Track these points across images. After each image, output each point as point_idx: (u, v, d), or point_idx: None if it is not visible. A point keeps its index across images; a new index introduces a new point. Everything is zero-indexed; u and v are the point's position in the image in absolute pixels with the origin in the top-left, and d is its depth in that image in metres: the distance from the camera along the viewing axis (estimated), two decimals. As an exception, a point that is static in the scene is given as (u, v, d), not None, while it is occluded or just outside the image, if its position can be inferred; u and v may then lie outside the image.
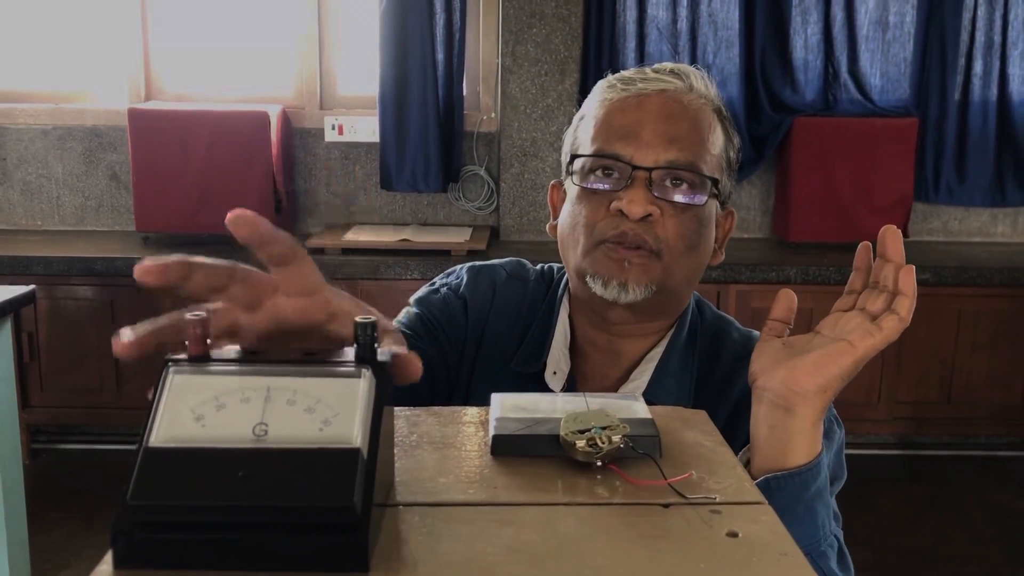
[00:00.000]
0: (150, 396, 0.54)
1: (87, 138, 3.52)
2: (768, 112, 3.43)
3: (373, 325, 0.57)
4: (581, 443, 0.62)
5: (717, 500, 0.58)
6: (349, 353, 0.58)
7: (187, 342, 0.56)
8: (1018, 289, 3.21)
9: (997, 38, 3.43)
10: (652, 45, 3.39)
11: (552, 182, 1.12)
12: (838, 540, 0.98)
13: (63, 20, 3.55)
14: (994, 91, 3.47)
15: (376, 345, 0.57)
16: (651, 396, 1.00)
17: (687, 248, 1.00)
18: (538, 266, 1.18)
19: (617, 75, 1.04)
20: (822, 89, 3.44)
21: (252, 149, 3.27)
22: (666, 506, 0.57)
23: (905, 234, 3.41)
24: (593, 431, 0.62)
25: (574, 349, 1.08)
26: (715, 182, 1.01)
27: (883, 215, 3.36)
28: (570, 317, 1.09)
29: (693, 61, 3.41)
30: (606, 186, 1.00)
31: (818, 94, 3.45)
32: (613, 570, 0.50)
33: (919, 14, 3.42)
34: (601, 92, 1.04)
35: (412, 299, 1.14)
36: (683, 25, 3.37)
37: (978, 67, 3.45)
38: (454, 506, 0.58)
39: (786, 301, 0.94)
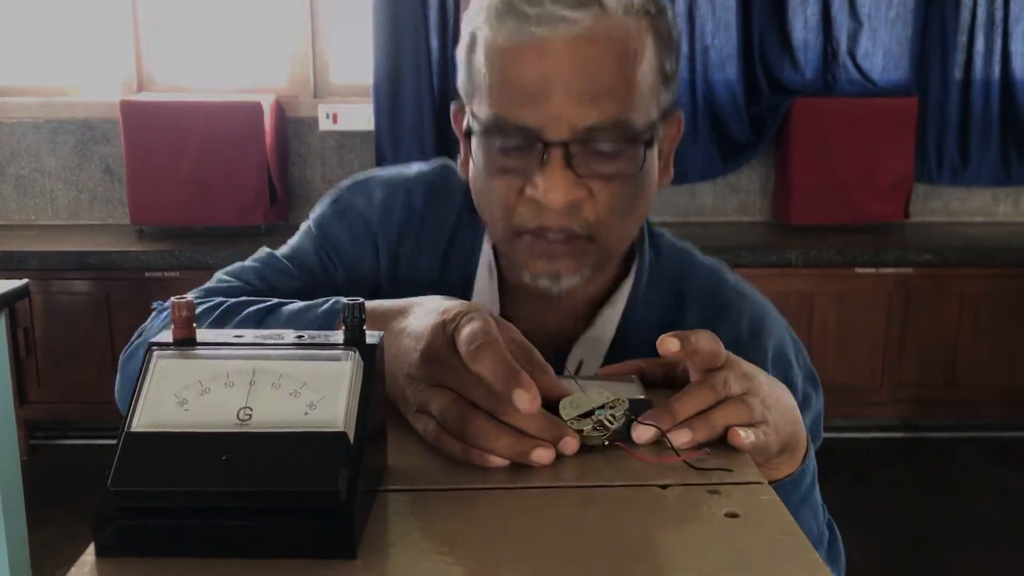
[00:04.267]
0: None
1: (79, 131, 3.50)
2: (767, 94, 3.40)
3: (361, 307, 0.55)
4: (587, 427, 0.60)
5: (715, 481, 0.56)
6: (338, 335, 0.56)
7: (172, 325, 0.54)
8: (1021, 269, 3.19)
9: (999, 15, 3.41)
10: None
11: (452, 106, 0.88)
12: (828, 531, 0.92)
13: (53, 12, 3.52)
14: (996, 69, 3.44)
15: (366, 327, 0.55)
16: (623, 355, 0.84)
17: (625, 215, 0.82)
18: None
19: None
20: (821, 70, 3.42)
21: (246, 140, 3.25)
22: (664, 487, 0.56)
23: (906, 215, 3.42)
24: (597, 413, 0.60)
25: (503, 288, 0.91)
26: (652, 126, 0.80)
27: (884, 196, 3.34)
28: (495, 252, 0.91)
29: (691, 43, 3.39)
30: (517, 163, 0.79)
31: (817, 75, 3.43)
32: (607, 552, 0.49)
33: (919, -10, 3.41)
34: (492, 20, 0.78)
35: (312, 221, 0.97)
36: (680, 7, 3.34)
37: (980, 45, 3.43)
38: (447, 491, 0.56)
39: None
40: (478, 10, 0.80)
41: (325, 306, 0.78)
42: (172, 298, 0.56)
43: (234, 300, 0.84)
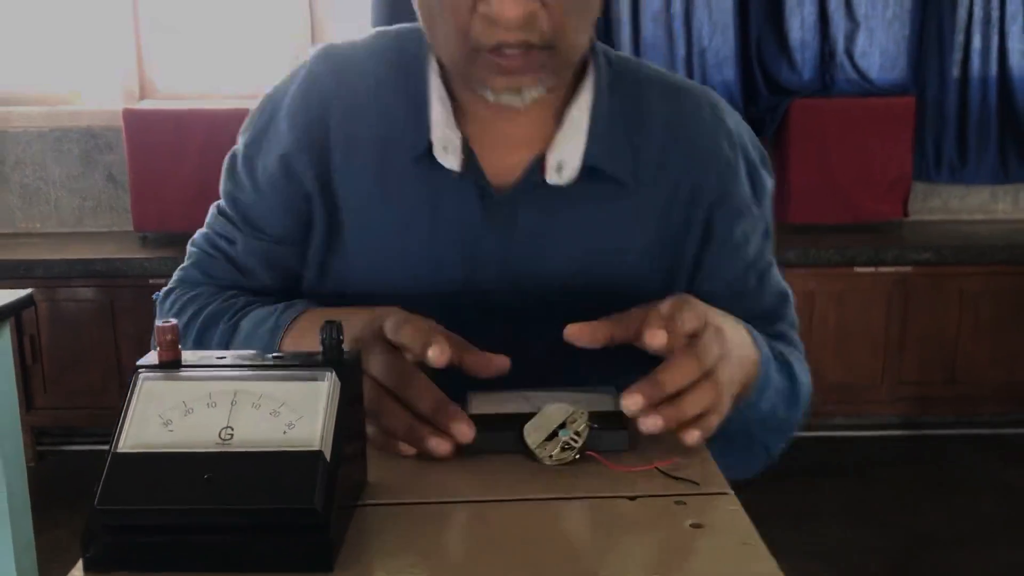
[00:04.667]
0: None
1: (83, 139, 3.53)
2: (765, 95, 3.42)
3: (338, 326, 0.57)
4: (556, 451, 0.62)
5: (682, 493, 0.58)
6: (317, 355, 0.58)
7: (157, 348, 0.57)
8: (1020, 267, 3.20)
9: (995, 13, 3.41)
10: (647, 31, 3.38)
11: None
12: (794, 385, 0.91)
13: (55, 22, 3.55)
14: (994, 67, 3.45)
15: (344, 345, 0.58)
16: (593, 161, 0.86)
17: (580, 19, 0.80)
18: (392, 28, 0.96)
19: None
20: (819, 70, 3.43)
21: (248, 146, 3.28)
22: (632, 499, 0.58)
23: (905, 213, 3.43)
24: (560, 434, 0.62)
25: (462, 116, 0.88)
26: None
27: (882, 195, 3.36)
28: (444, 83, 0.88)
29: (688, 45, 3.41)
30: None
31: (815, 75, 3.44)
32: (574, 562, 0.51)
33: (915, -11, 3.42)
34: None
35: (224, 199, 0.98)
36: (677, 9, 3.36)
37: (977, 43, 3.43)
38: (424, 504, 0.58)
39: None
40: None
41: (267, 325, 0.82)
42: (157, 322, 0.58)
43: (207, 312, 0.88)
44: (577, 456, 0.62)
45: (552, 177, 0.84)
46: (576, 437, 0.62)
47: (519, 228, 0.85)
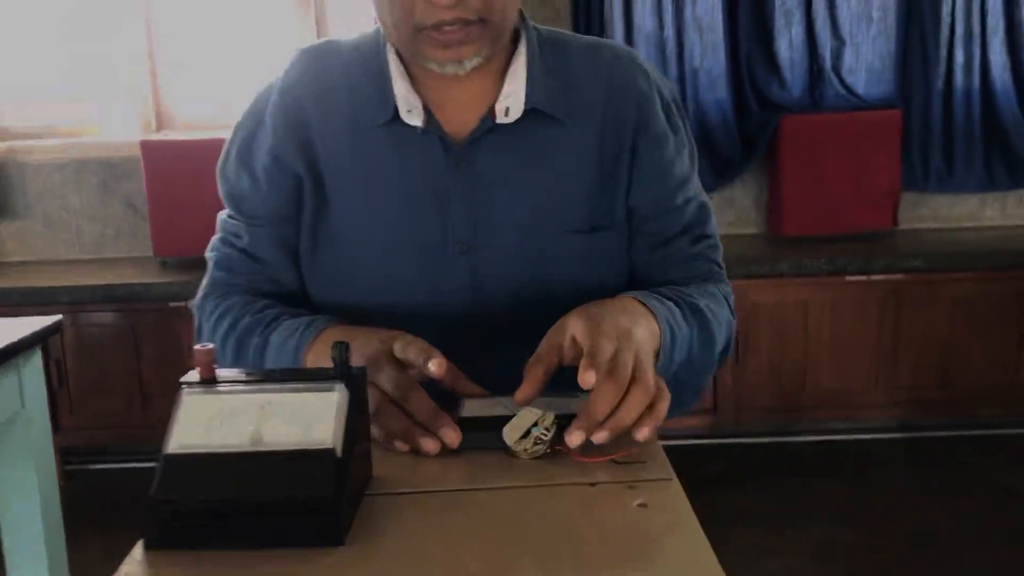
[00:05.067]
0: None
1: (102, 170, 3.67)
2: (756, 111, 3.53)
3: (346, 346, 0.70)
4: (529, 445, 0.74)
5: (634, 479, 0.70)
6: (330, 370, 0.70)
7: (196, 367, 0.69)
8: (1009, 271, 3.29)
9: (976, 28, 3.52)
10: (641, 53, 3.50)
11: None
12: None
13: (72, 56, 3.70)
14: (976, 80, 3.55)
15: (351, 362, 0.70)
16: (532, 104, 1.00)
17: None
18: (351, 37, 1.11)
19: None
20: (808, 86, 3.54)
21: (260, 173, 3.41)
22: (592, 485, 0.70)
23: (895, 222, 3.54)
24: (532, 431, 0.74)
25: (418, 84, 1.02)
26: None
27: (872, 205, 3.46)
28: (401, 61, 1.02)
29: (681, 66, 3.53)
30: None
31: (804, 91, 3.55)
32: (542, 537, 0.63)
33: (900, 8, 3.51)
34: None
35: (225, 204, 1.10)
36: (669, 32, 3.48)
37: (959, 57, 3.54)
38: (420, 493, 0.70)
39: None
40: None
41: (291, 343, 0.95)
42: (195, 346, 0.70)
43: (241, 324, 1.02)
44: (548, 450, 0.74)
45: (501, 119, 0.99)
46: (545, 433, 0.74)
47: (479, 169, 1.00)
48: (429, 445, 0.76)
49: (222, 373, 0.70)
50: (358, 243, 1.02)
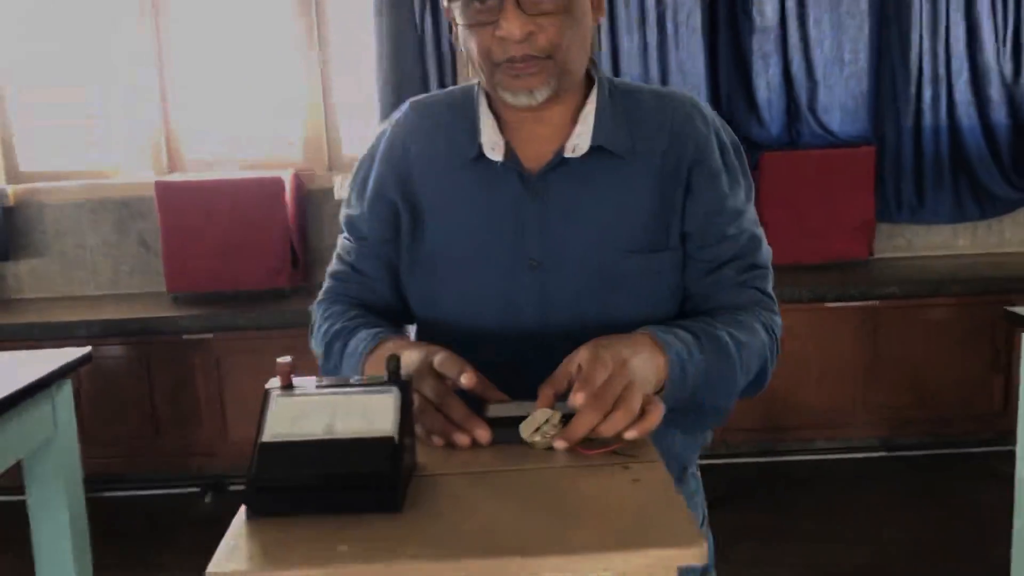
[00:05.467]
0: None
1: (117, 209, 3.85)
2: (738, 149, 3.73)
3: (397, 359, 0.87)
4: (538, 438, 0.92)
5: (628, 460, 0.88)
6: (382, 377, 0.88)
7: (278, 376, 0.86)
8: (980, 297, 3.46)
9: (942, 69, 3.74)
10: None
11: (443, 3, 1.19)
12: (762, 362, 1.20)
13: (88, 102, 3.89)
14: (944, 117, 3.77)
15: (401, 373, 0.88)
16: (598, 141, 1.16)
17: (571, 36, 1.11)
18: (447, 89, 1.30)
19: None
20: (786, 125, 3.75)
21: (269, 212, 3.59)
22: (595, 466, 0.87)
23: (871, 252, 3.74)
24: (542, 429, 0.92)
25: (504, 126, 1.20)
26: None
27: (849, 236, 3.66)
28: (491, 106, 1.20)
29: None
30: (486, 17, 1.09)
31: (782, 130, 3.76)
32: (555, 506, 0.80)
33: (871, 51, 3.74)
34: None
35: (343, 228, 1.30)
36: (654, 74, 3.69)
37: (927, 96, 3.75)
38: (455, 475, 0.88)
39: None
40: None
41: (356, 354, 1.14)
42: (277, 359, 0.87)
43: (334, 330, 1.22)
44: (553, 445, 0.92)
45: (569, 153, 1.17)
46: (553, 429, 0.91)
47: (550, 197, 1.18)
48: (462, 439, 0.94)
49: (298, 382, 0.87)
50: (445, 262, 1.21)
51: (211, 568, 0.69)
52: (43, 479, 2.43)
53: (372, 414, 0.83)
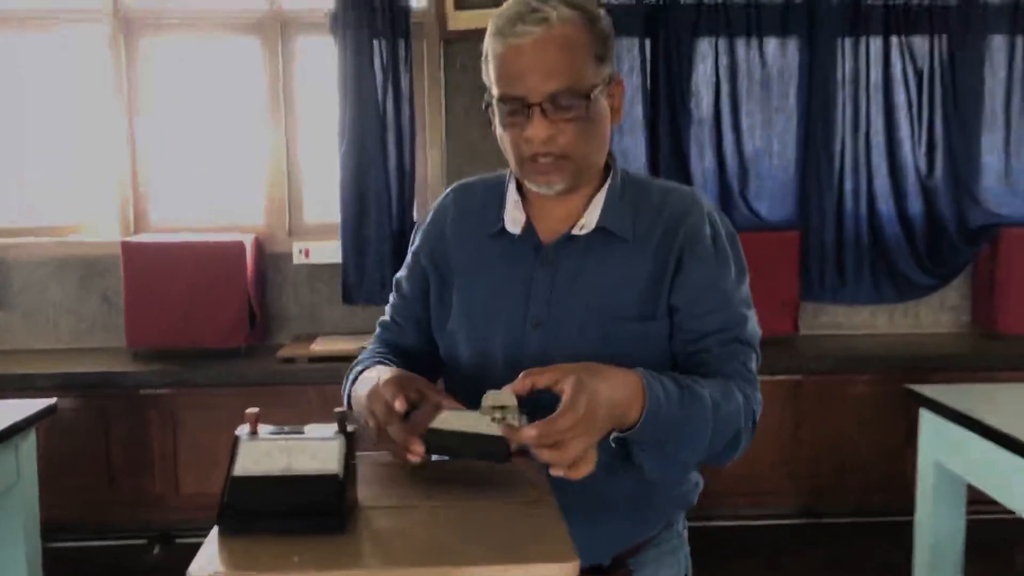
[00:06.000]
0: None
1: (82, 266, 3.98)
2: (675, 229, 3.98)
3: (344, 415, 1.07)
4: (497, 415, 1.09)
5: (524, 501, 1.08)
6: (332, 428, 1.07)
7: (247, 424, 1.06)
8: (896, 374, 3.63)
9: (863, 160, 4.02)
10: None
11: (485, 97, 1.38)
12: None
13: (59, 162, 4.06)
14: (864, 206, 4.04)
15: (348, 425, 1.07)
16: (602, 223, 1.37)
17: (588, 139, 1.32)
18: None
19: (501, 23, 1.30)
20: (719, 209, 4.00)
21: (230, 273, 3.75)
22: (499, 499, 1.07)
23: (796, 329, 3.99)
24: (507, 414, 1.10)
25: (528, 204, 1.43)
26: (593, 87, 1.30)
27: (776, 313, 3.90)
28: (519, 187, 1.43)
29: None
30: (516, 120, 1.30)
31: (715, 204, 4.01)
32: (462, 528, 1.00)
33: (798, 144, 4.01)
34: (492, 42, 1.32)
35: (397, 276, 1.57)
36: (599, 158, 3.95)
37: (849, 186, 4.02)
38: (385, 507, 1.07)
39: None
40: (487, 36, 1.34)
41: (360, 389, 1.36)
42: (246, 410, 1.07)
43: (356, 369, 1.47)
44: (504, 425, 1.09)
45: (577, 231, 1.39)
46: (507, 416, 1.09)
47: (560, 268, 1.39)
48: (408, 457, 1.15)
49: (262, 428, 1.07)
50: (465, 320, 1.43)
51: (191, 570, 0.87)
52: (4, 525, 2.54)
53: (321, 456, 1.03)
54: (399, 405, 1.19)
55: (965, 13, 3.98)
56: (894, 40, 4.00)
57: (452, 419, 1.16)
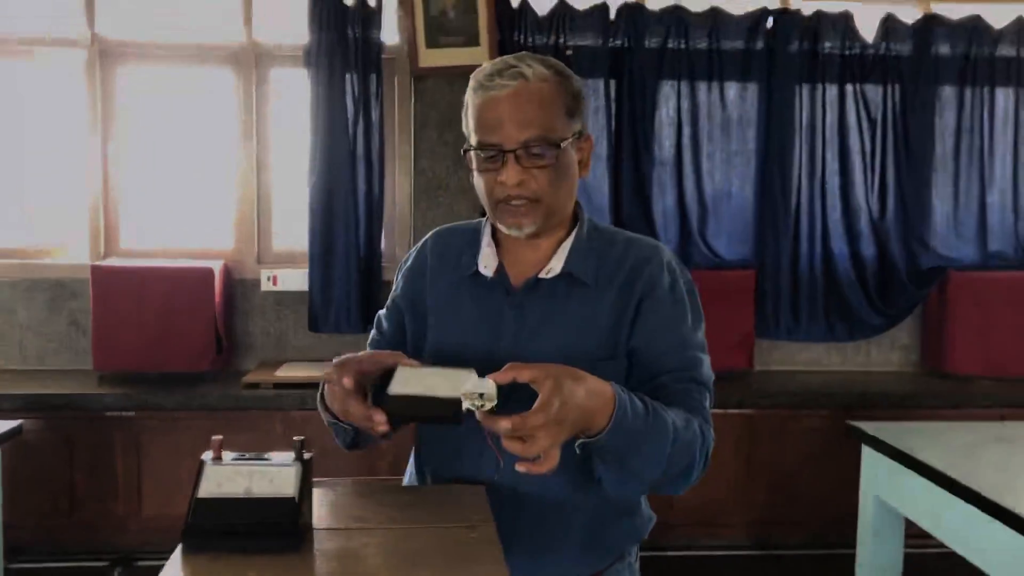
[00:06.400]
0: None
1: (51, 289, 4.01)
2: (636, 265, 4.09)
3: (302, 443, 1.15)
4: (477, 402, 1.15)
5: (467, 524, 1.16)
6: (291, 455, 1.15)
7: (212, 451, 1.13)
8: (847, 410, 3.77)
9: (818, 203, 4.16)
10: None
11: (463, 151, 1.50)
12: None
13: (32, 185, 4.11)
14: (819, 246, 4.17)
15: (304, 451, 1.15)
16: (567, 269, 1.47)
17: (557, 186, 1.43)
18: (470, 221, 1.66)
19: (481, 77, 1.44)
20: (679, 248, 4.09)
21: (198, 299, 3.80)
22: (445, 526, 1.16)
23: (751, 364, 4.11)
24: (485, 400, 1.16)
25: (501, 250, 1.54)
26: (563, 139, 1.42)
27: (732, 349, 4.02)
28: (494, 232, 1.54)
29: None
30: (492, 165, 1.42)
31: (675, 251, 4.12)
32: (408, 548, 1.08)
33: (755, 185, 4.13)
34: (472, 95, 1.45)
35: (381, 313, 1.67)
36: (564, 194, 4.05)
37: (804, 226, 4.15)
38: (336, 530, 1.15)
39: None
40: (468, 90, 1.46)
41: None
42: (212, 437, 1.14)
43: None
44: (479, 410, 1.16)
45: (543, 275, 1.49)
46: (485, 403, 1.16)
47: (527, 310, 1.49)
48: (375, 431, 1.24)
49: (226, 455, 1.14)
50: (438, 355, 1.52)
51: (156, 584, 0.95)
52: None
53: (279, 481, 1.11)
54: (347, 383, 1.26)
55: (916, 64, 4.15)
56: (849, 88, 4.16)
57: (410, 379, 1.24)
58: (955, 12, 4.19)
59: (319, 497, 1.21)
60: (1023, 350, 4.14)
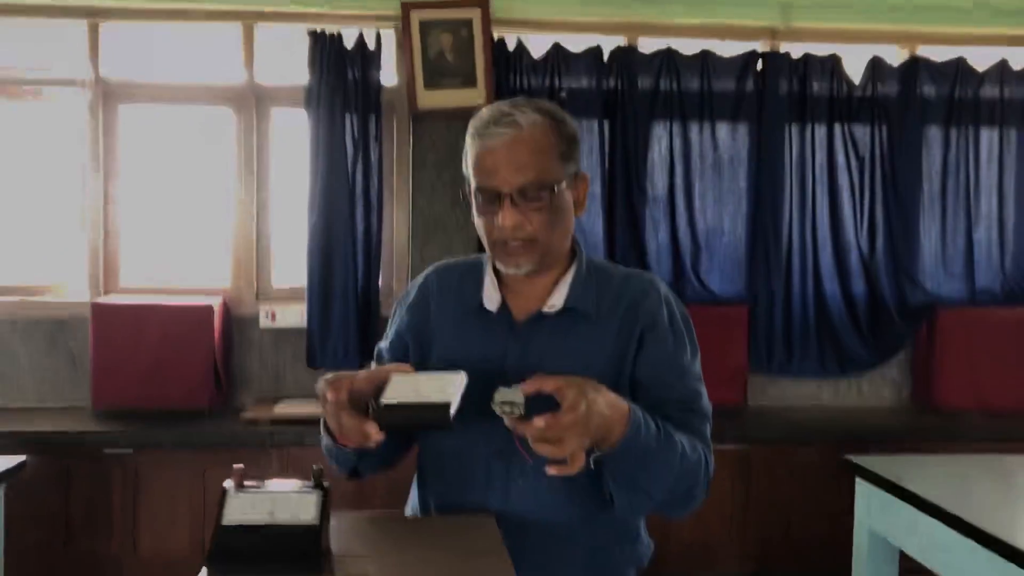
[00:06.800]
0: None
1: (50, 327, 4.04)
2: (631, 301, 4.14)
3: (321, 471, 1.19)
4: (506, 410, 1.23)
5: (469, 552, 1.20)
6: (310, 483, 1.19)
7: (233, 478, 1.17)
8: (840, 444, 3.72)
9: (809, 241, 4.23)
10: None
11: (463, 191, 1.57)
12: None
13: (32, 225, 4.15)
14: (810, 283, 4.23)
15: (324, 481, 1.19)
16: (569, 304, 1.53)
17: (553, 227, 1.49)
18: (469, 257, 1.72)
19: (478, 126, 1.51)
20: (672, 283, 4.14)
21: (197, 336, 3.82)
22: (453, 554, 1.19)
23: (744, 400, 4.15)
24: (514, 406, 1.24)
25: (503, 286, 1.59)
26: (558, 181, 1.49)
27: (725, 385, 4.06)
28: (495, 268, 1.59)
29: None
30: (490, 208, 1.49)
31: (668, 287, 4.17)
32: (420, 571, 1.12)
33: (747, 223, 4.20)
34: (471, 141, 1.52)
35: (379, 345, 1.70)
36: (559, 232, 4.11)
37: (796, 264, 4.22)
38: (353, 556, 1.19)
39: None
40: (467, 136, 1.53)
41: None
42: (234, 465, 1.18)
43: None
44: (512, 415, 1.23)
45: (547, 309, 1.54)
46: (515, 410, 1.23)
47: (531, 343, 1.54)
48: (369, 442, 1.27)
49: (248, 482, 1.18)
50: None
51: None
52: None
53: (300, 508, 1.15)
54: (336, 397, 1.31)
55: (903, 105, 4.24)
56: (837, 128, 4.25)
57: (402, 387, 1.30)
58: (940, 55, 4.30)
59: (335, 525, 1.24)
60: (1011, 385, 4.20)
